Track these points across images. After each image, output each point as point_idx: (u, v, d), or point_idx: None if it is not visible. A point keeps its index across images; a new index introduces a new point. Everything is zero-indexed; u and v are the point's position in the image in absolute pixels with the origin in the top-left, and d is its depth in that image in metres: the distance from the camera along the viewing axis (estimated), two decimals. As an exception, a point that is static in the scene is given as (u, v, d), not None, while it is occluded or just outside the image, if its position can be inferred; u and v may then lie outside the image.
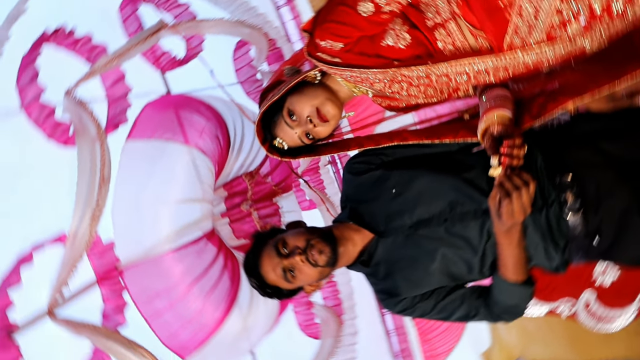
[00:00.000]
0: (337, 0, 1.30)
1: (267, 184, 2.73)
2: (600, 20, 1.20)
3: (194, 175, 2.34)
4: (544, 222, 1.27)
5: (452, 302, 1.38)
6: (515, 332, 3.40)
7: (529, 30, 1.22)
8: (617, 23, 1.22)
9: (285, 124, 1.41)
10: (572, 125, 1.37)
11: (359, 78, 1.34)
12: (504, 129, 1.21)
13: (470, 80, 1.29)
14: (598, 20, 1.20)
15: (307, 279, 1.38)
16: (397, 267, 1.38)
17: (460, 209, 1.31)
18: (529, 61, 1.26)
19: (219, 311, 2.34)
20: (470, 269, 1.35)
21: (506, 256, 1.26)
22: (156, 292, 2.19)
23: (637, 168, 1.25)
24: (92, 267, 2.10)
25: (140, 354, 1.98)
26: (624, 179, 1.25)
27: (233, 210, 2.56)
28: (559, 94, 1.28)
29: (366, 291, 3.28)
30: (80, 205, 2.00)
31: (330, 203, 2.90)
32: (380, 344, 4.03)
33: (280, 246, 1.37)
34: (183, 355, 2.28)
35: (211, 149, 2.48)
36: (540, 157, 1.29)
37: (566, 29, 1.22)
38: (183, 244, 2.23)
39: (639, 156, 1.27)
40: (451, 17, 1.25)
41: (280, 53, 3.24)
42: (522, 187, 1.13)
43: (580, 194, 1.25)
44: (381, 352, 3.98)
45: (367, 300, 3.45)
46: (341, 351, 3.12)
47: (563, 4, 1.18)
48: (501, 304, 1.33)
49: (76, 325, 1.97)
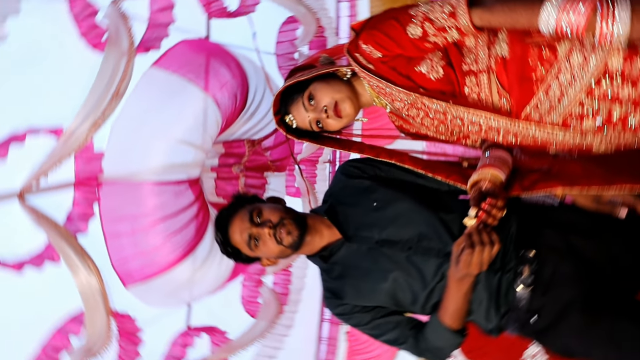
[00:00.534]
0: (392, 13, 1.39)
1: (264, 157, 2.81)
2: (614, 127, 1.29)
3: (201, 122, 2.41)
4: (495, 285, 1.36)
5: (386, 324, 1.47)
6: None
7: (549, 109, 1.30)
8: (628, 135, 1.31)
9: (301, 105, 1.48)
10: (554, 210, 1.46)
11: (384, 91, 1.42)
12: (492, 188, 1.30)
13: (481, 132, 1.37)
14: (612, 126, 1.29)
15: (267, 252, 1.46)
16: (350, 273, 1.46)
17: (426, 244, 1.39)
18: (538, 137, 1.34)
19: (174, 255, 2.41)
20: (414, 301, 1.44)
21: (450, 301, 1.35)
22: (124, 214, 2.26)
23: (594, 270, 1.34)
24: (75, 169, 2.16)
25: (87, 265, 2.04)
26: (579, 275, 1.34)
27: (223, 169, 2.64)
28: (553, 177, 1.37)
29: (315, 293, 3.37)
30: (86, 108, 2.06)
31: (314, 197, 2.99)
32: (308, 347, 4.12)
33: (255, 214, 1.45)
34: (125, 282, 2.35)
35: (226, 105, 2.55)
36: (515, 226, 1.38)
37: (582, 122, 1.30)
38: (166, 180, 2.30)
39: (601, 261, 1.35)
40: (486, 70, 1.33)
41: (324, 42, 3.31)
42: (487, 245, 1.21)
43: (536, 272, 1.34)
44: (306, 354, 4.07)
45: (313, 301, 3.54)
46: (270, 338, 3.19)
47: (587, 99, 1.26)
48: (429, 342, 1.42)
49: (40, 216, 2.03)
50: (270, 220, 1.44)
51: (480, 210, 1.24)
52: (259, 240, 1.45)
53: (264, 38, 2.90)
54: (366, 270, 1.44)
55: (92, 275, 1.91)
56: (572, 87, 1.25)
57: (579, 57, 1.23)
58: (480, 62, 1.34)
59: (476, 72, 1.34)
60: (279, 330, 3.24)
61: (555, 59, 1.25)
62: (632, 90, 1.21)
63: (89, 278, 1.91)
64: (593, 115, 1.28)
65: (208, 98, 2.45)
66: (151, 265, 2.34)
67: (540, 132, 1.33)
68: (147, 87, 2.27)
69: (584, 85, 1.24)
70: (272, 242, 1.44)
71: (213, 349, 2.82)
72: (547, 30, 1.17)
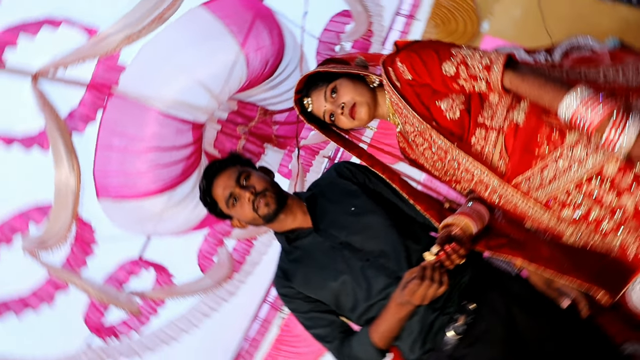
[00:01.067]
0: (436, 45, 1.48)
1: (270, 129, 2.89)
2: (588, 225, 1.39)
3: (226, 73, 2.48)
4: (429, 322, 1.46)
5: (321, 319, 1.56)
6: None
7: (538, 186, 1.40)
8: (597, 237, 1.41)
9: (323, 94, 1.56)
10: (509, 277, 1.56)
11: (400, 110, 1.51)
12: (461, 235, 1.39)
13: (471, 182, 1.47)
14: (587, 223, 1.39)
15: (241, 215, 1.56)
16: (307, 262, 1.56)
17: (384, 262, 1.49)
18: (519, 207, 1.44)
19: (154, 186, 2.48)
20: (353, 308, 1.53)
21: (384, 320, 1.45)
22: (123, 131, 2.34)
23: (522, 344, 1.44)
24: (94, 72, 2.23)
25: (72, 164, 2.11)
26: (507, 342, 1.44)
27: (229, 125, 2.72)
28: (518, 247, 1.47)
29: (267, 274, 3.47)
30: (126, 20, 2.12)
31: (302, 184, 3.08)
32: (242, 320, 4.22)
33: (243, 176, 1.55)
34: (99, 193, 2.43)
35: (255, 67, 2.63)
36: (468, 277, 1.48)
37: (562, 209, 1.40)
38: (173, 114, 2.38)
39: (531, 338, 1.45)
40: (498, 129, 1.42)
41: (367, 46, 3.39)
42: (436, 283, 1.31)
43: (470, 324, 1.44)
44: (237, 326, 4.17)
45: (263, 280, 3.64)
46: (210, 297, 3.28)
47: (574, 190, 1.36)
48: (352, 350, 1.52)
49: (46, 102, 2.10)
50: (254, 187, 1.53)
51: (442, 250, 1.33)
52: (238, 201, 1.54)
53: (313, 20, 2.98)
54: (322, 265, 1.54)
55: (72, 174, 1.98)
56: (566, 175, 1.35)
57: (582, 151, 1.32)
58: (496, 120, 1.43)
59: (488, 127, 1.43)
60: (221, 293, 3.32)
61: (561, 144, 1.35)
62: (614, 199, 1.31)
63: (69, 176, 1.98)
64: (574, 207, 1.38)
65: (241, 54, 2.53)
66: (129, 187, 2.42)
67: (523, 203, 1.43)
68: (189, 22, 2.35)
69: (576, 177, 1.34)
70: (249, 207, 1.53)
71: (154, 286, 2.91)
72: (564, 116, 1.27)
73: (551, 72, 1.46)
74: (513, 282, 1.53)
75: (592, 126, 1.24)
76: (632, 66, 1.44)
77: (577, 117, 1.25)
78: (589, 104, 1.24)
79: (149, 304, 2.93)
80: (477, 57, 1.40)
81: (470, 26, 4.20)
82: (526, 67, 1.40)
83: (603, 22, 3.82)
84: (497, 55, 1.39)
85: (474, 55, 1.41)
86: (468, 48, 1.45)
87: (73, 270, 2.45)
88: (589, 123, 1.24)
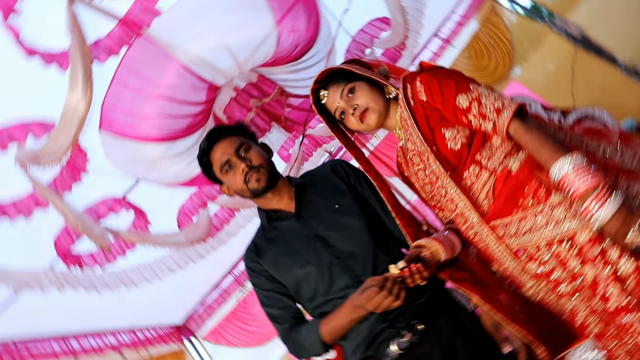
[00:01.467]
0: (457, 76, 1.54)
1: (282, 110, 2.96)
2: (548, 283, 1.47)
3: (255, 45, 2.55)
4: (377, 331, 1.54)
5: (279, 301, 1.64)
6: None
7: (513, 234, 1.48)
8: (554, 297, 1.49)
9: (340, 91, 1.62)
10: (463, 311, 1.64)
11: (407, 127, 1.58)
12: (429, 259, 1.47)
13: (453, 212, 1.55)
14: (547, 282, 1.47)
15: (231, 183, 1.64)
16: (280, 243, 1.64)
17: (351, 264, 1.57)
18: (490, 248, 1.52)
19: (155, 132, 2.55)
20: (311, 299, 1.62)
21: (336, 317, 1.53)
22: (141, 72, 2.40)
23: None
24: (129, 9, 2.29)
25: (85, 90, 2.16)
26: None
27: (244, 95, 2.79)
28: (478, 285, 1.55)
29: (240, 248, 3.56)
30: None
31: (296, 171, 3.15)
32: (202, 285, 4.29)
33: (243, 147, 1.62)
34: (102, 126, 2.50)
35: (284, 47, 2.70)
36: (424, 300, 1.56)
37: (528, 262, 1.48)
38: (193, 70, 2.44)
39: None
40: (491, 170, 1.50)
41: (396, 57, 3.46)
42: (393, 296, 1.38)
43: (413, 343, 1.52)
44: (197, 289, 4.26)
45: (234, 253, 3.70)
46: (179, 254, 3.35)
47: (544, 247, 1.44)
48: (299, 336, 1.60)
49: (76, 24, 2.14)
50: (251, 160, 1.61)
51: (407, 267, 1.41)
52: (232, 169, 1.62)
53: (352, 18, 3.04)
54: (293, 250, 1.62)
55: (84, 101, 2.04)
56: (540, 231, 1.43)
57: (561, 213, 1.40)
58: (492, 161, 1.50)
59: (483, 166, 1.50)
60: (191, 253, 3.39)
61: (545, 202, 1.42)
62: (578, 265, 1.39)
63: (80, 101, 2.04)
64: (540, 263, 1.46)
65: (274, 31, 2.60)
66: (133, 127, 2.49)
67: (494, 246, 1.51)
68: (232, -13, 2.41)
69: (550, 236, 1.42)
70: (241, 178, 1.61)
71: (130, 228, 2.98)
72: (555, 176, 1.35)
73: (556, 133, 1.53)
74: (465, 317, 1.61)
75: (576, 193, 1.31)
76: (632, 150, 1.51)
77: (566, 180, 1.33)
78: (579, 171, 1.31)
79: (119, 244, 3.00)
80: (492, 98, 1.47)
81: (502, 67, 4.28)
82: (534, 121, 1.48)
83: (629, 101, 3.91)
84: (510, 101, 1.46)
85: (490, 95, 1.48)
86: (486, 87, 1.52)
87: (57, 191, 2.51)
88: (574, 189, 1.31)
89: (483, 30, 4.35)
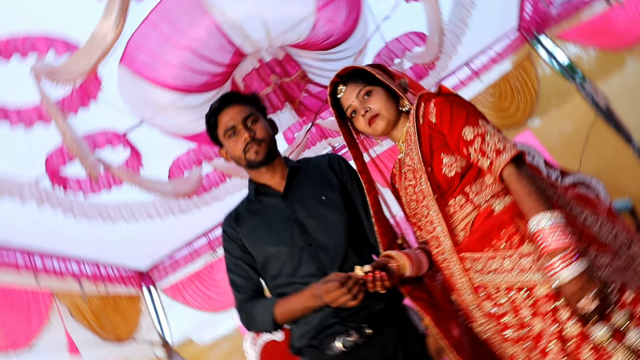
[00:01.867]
0: (471, 109, 1.60)
1: (299, 93, 3.02)
2: (497, 324, 1.54)
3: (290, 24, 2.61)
4: (328, 324, 1.62)
5: (244, 271, 1.72)
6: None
7: (478, 270, 1.54)
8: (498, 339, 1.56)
9: (357, 90, 1.68)
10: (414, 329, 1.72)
11: (410, 142, 1.65)
12: (394, 270, 1.54)
13: (430, 234, 1.61)
14: (497, 323, 1.54)
15: (231, 149, 1.71)
16: (261, 217, 1.71)
17: (322, 255, 1.65)
18: (454, 277, 1.59)
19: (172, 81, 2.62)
20: (274, 278, 1.69)
21: (294, 300, 1.60)
22: (174, 21, 2.45)
23: None
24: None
25: (118, 21, 2.19)
26: None
27: (267, 68, 2.85)
28: (434, 308, 1.62)
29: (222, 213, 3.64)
30: None
31: (296, 155, 3.21)
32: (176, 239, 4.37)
33: (251, 118, 1.69)
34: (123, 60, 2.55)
35: (318, 34, 2.76)
36: (380, 307, 1.63)
37: (485, 300, 1.55)
38: (225, 31, 2.50)
39: None
40: (475, 206, 1.56)
41: (423, 74, 3.52)
42: (350, 295, 1.45)
43: (357, 345, 1.60)
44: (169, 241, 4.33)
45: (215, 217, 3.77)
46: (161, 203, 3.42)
47: (503, 290, 1.50)
48: (253, 308, 1.67)
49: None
50: (255, 132, 1.68)
51: (371, 273, 1.47)
52: (235, 135, 1.68)
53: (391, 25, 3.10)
54: (271, 227, 1.69)
55: (113, 31, 2.09)
56: (504, 275, 1.50)
57: (528, 263, 1.47)
58: (479, 197, 1.57)
59: (469, 199, 1.57)
60: (173, 205, 3.46)
61: (516, 248, 1.49)
62: (529, 316, 1.46)
63: (110, 31, 2.09)
64: (495, 304, 1.53)
65: (313, 16, 2.65)
66: (152, 69, 2.54)
67: (458, 276, 1.58)
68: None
69: (511, 281, 1.49)
70: (241, 146, 1.68)
71: (122, 165, 3.04)
72: (531, 227, 1.42)
73: (546, 189, 1.59)
74: (413, 334, 1.69)
75: (547, 249, 1.38)
76: (612, 227, 1.57)
77: (541, 234, 1.39)
78: (555, 230, 1.38)
79: (108, 178, 3.07)
80: (496, 139, 1.53)
81: (521, 114, 4.34)
82: (528, 171, 1.54)
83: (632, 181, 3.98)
84: (512, 146, 1.52)
85: (495, 135, 1.54)
86: (494, 127, 1.58)
87: (63, 111, 2.57)
88: (546, 244, 1.38)
89: (514, 73, 4.41)
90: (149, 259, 4.44)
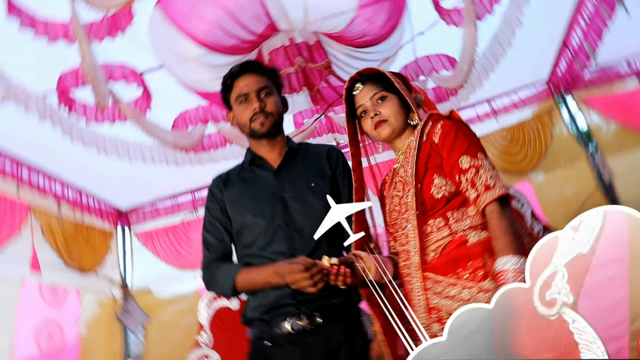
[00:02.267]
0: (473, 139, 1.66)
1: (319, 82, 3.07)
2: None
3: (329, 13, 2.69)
4: (282, 303, 1.69)
5: (219, 233, 1.78)
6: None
7: (438, 292, 1.60)
8: None
9: (372, 92, 1.73)
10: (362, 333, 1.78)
11: (408, 155, 1.70)
12: (359, 271, 1.60)
13: (402, 246, 1.67)
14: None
15: (239, 114, 1.77)
16: (249, 186, 1.77)
17: (296, 237, 1.71)
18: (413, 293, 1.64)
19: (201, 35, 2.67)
20: (246, 247, 1.75)
21: (256, 273, 1.66)
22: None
23: None
24: None
25: None
26: None
27: (294, 49, 2.90)
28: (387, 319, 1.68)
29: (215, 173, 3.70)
30: None
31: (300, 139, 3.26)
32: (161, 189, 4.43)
33: (266, 90, 1.75)
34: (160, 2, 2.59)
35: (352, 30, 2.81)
36: (336, 301, 1.70)
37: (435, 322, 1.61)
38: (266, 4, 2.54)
39: None
40: (452, 232, 1.61)
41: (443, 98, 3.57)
42: (311, 282, 1.51)
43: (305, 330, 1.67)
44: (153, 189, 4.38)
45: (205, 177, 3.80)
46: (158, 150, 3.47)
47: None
48: (217, 270, 1.74)
49: None
50: (266, 105, 1.73)
51: (337, 266, 1.53)
52: (245, 102, 1.74)
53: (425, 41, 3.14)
54: (255, 198, 1.75)
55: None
56: (460, 303, 1.53)
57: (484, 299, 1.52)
58: (457, 225, 1.62)
59: (448, 224, 1.63)
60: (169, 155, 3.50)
61: (478, 282, 1.55)
62: None
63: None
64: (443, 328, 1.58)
65: (352, 12, 2.71)
66: (185, 20, 2.60)
67: (417, 293, 1.63)
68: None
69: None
70: (249, 114, 1.73)
71: (131, 103, 3.09)
72: (497, 266, 1.48)
73: (523, 236, 1.65)
74: (360, 335, 1.75)
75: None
76: None
77: (503, 275, 1.45)
78: (519, 275, 1.44)
79: (114, 111, 3.11)
80: (488, 174, 1.59)
81: (526, 164, 4.40)
82: (510, 214, 1.60)
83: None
84: (502, 186, 1.58)
85: (489, 171, 1.60)
86: (490, 163, 1.64)
87: (89, 34, 2.61)
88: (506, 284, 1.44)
89: (531, 123, 4.46)
90: (131, 200, 4.49)
